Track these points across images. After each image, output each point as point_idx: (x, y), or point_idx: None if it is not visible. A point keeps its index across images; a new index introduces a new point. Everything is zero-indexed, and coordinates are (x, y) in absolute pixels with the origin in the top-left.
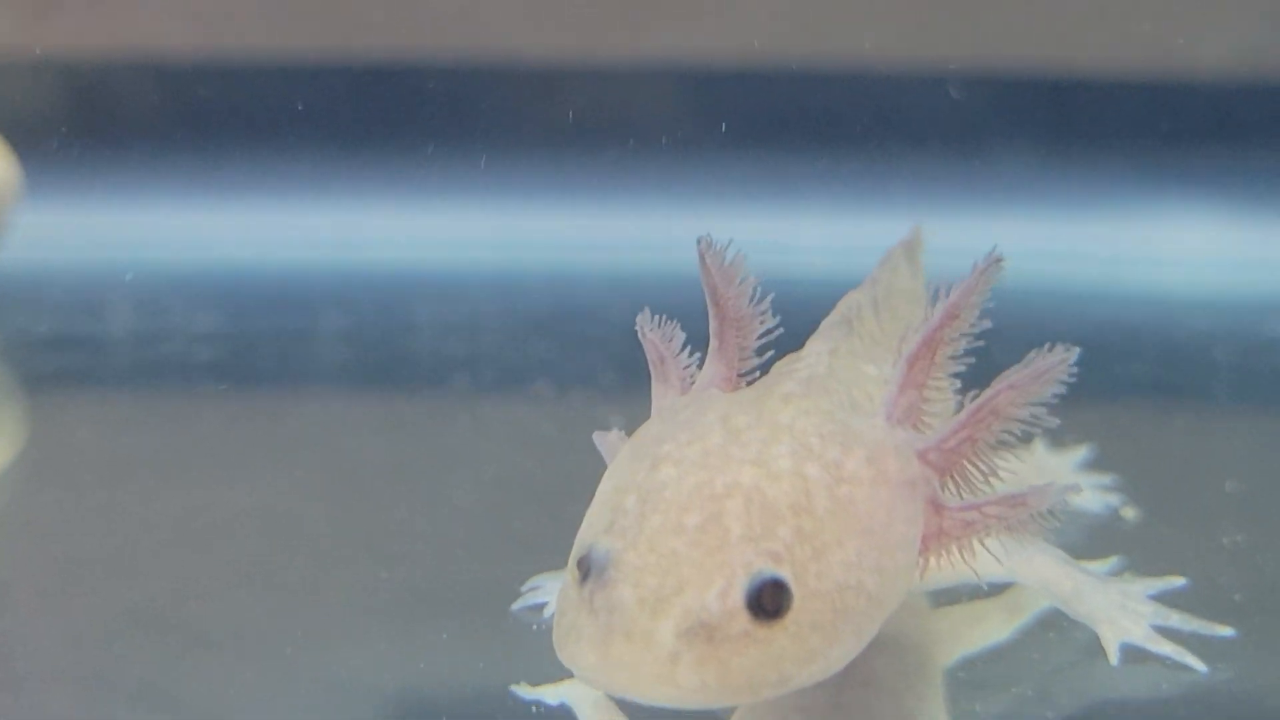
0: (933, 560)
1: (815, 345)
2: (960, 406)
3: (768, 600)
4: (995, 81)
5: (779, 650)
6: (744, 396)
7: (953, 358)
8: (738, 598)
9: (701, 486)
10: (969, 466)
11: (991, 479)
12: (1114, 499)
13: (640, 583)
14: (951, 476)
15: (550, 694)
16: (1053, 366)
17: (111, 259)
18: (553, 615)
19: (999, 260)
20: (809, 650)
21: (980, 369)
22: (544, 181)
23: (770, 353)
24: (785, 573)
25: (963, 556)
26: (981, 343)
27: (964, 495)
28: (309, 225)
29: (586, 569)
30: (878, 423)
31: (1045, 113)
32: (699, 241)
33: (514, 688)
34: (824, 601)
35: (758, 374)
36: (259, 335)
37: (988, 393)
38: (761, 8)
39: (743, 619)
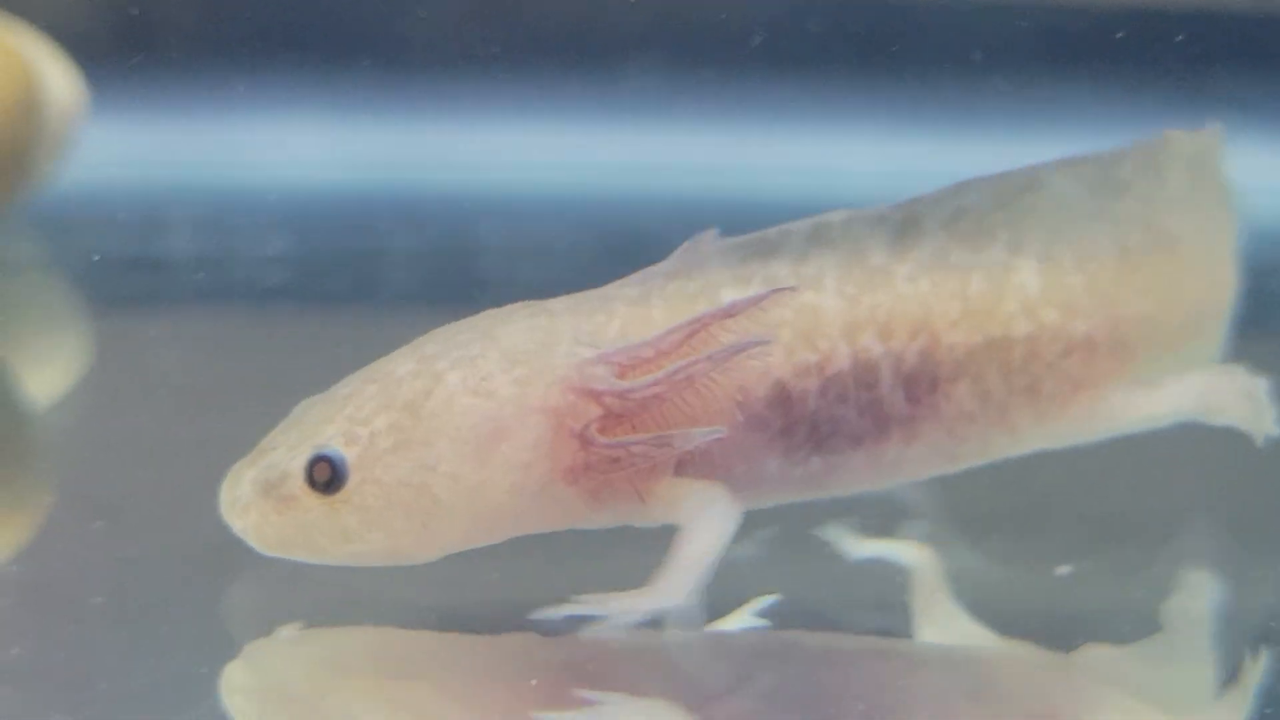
0: (602, 494)
1: (666, 281)
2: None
3: (318, 473)
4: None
5: (316, 521)
6: (522, 305)
7: (710, 359)
8: (299, 465)
9: (380, 369)
10: (648, 417)
11: (663, 438)
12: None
13: (272, 436)
14: (632, 423)
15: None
16: (748, 345)
17: (178, 179)
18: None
19: (787, 289)
20: (345, 530)
21: None
22: (615, 102)
23: None
24: (350, 454)
25: (639, 494)
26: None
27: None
28: (379, 145)
29: None
30: (582, 356)
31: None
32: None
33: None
34: (380, 491)
35: None
36: (328, 257)
37: (687, 360)
38: None
39: (296, 484)
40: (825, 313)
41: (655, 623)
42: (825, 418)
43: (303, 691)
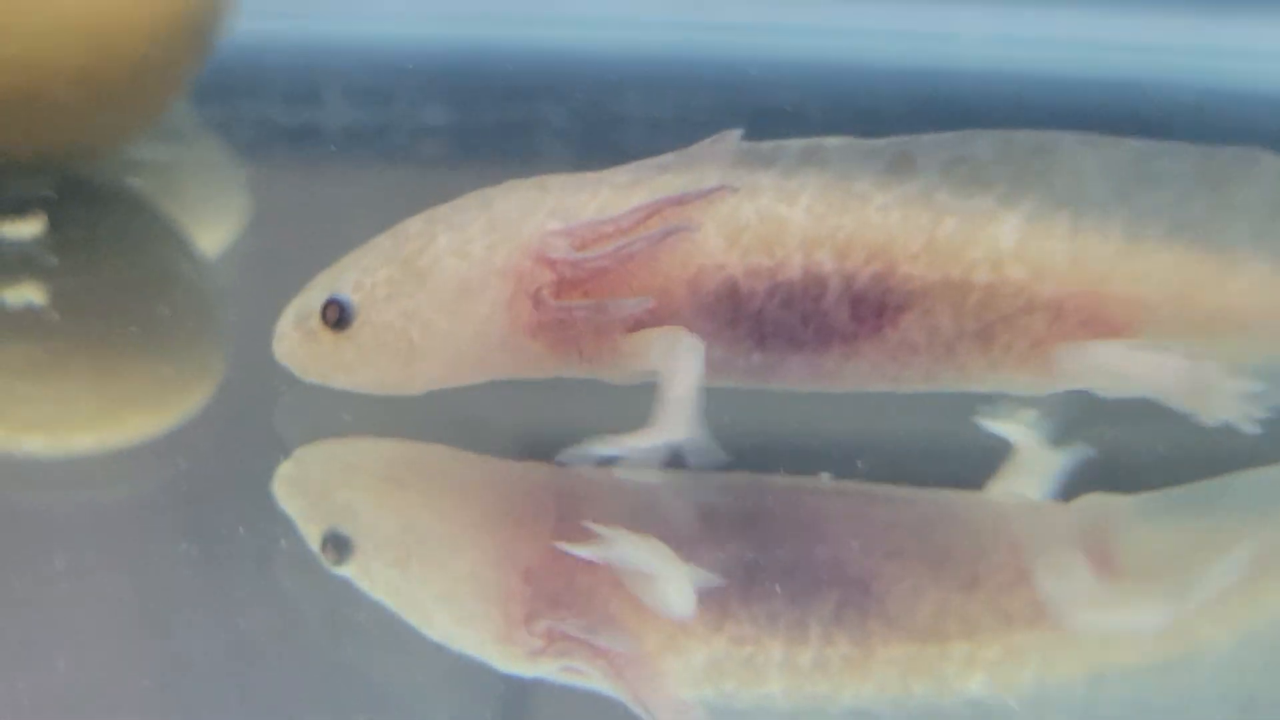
0: (564, 349)
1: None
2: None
3: (329, 314)
4: None
5: (327, 353)
6: (533, 180)
7: (645, 239)
8: (318, 305)
9: (401, 226)
10: (601, 287)
11: (601, 304)
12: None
13: (320, 275)
14: (585, 291)
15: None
16: (675, 231)
17: (334, 42)
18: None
19: (727, 188)
20: (345, 362)
21: None
22: None
23: None
24: (355, 300)
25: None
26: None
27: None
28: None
29: None
30: (548, 228)
31: None
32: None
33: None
34: (372, 331)
35: None
36: (477, 125)
37: (629, 239)
38: None
39: (314, 321)
40: (789, 224)
41: (676, 459)
42: (769, 319)
43: (341, 489)
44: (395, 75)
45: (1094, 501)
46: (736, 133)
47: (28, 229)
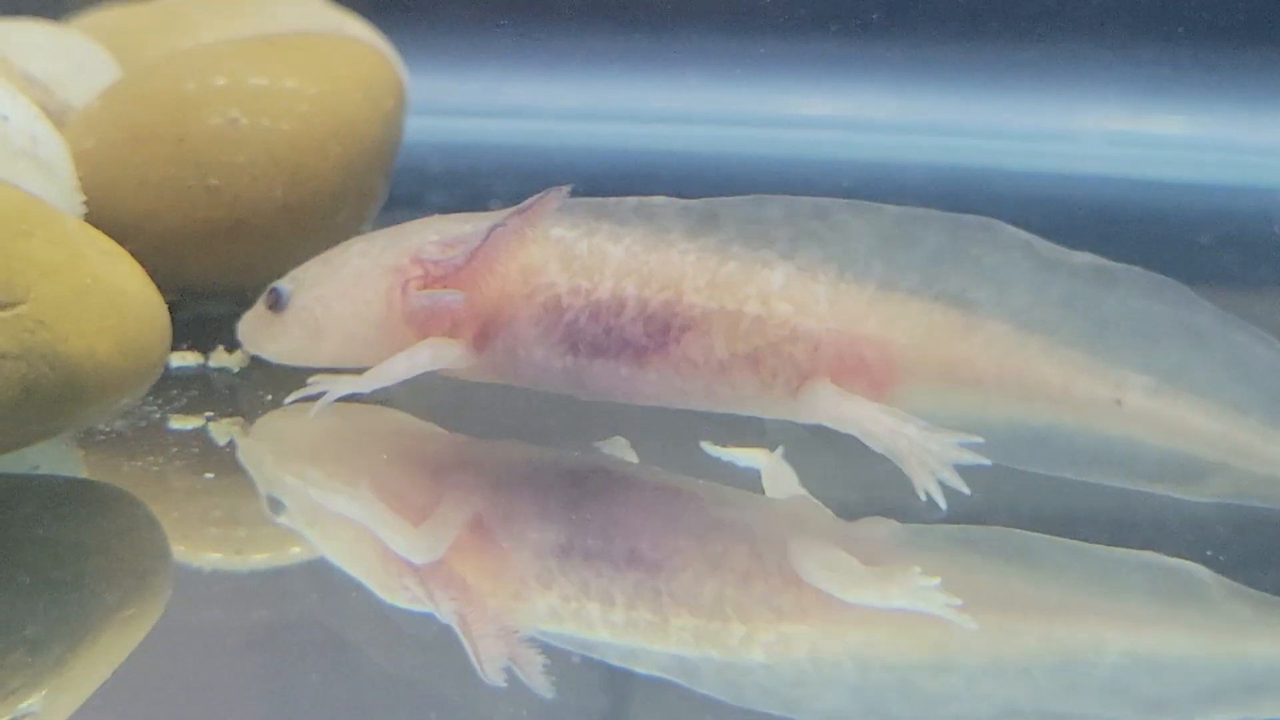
0: (418, 333)
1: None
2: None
3: (269, 299)
4: None
5: (264, 328)
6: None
7: (483, 245)
8: (264, 293)
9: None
10: (463, 287)
11: (435, 295)
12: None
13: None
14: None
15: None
16: (500, 226)
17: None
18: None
19: (560, 189)
20: (274, 335)
21: None
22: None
23: None
24: (288, 289)
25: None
26: None
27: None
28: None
29: None
30: (428, 239)
31: None
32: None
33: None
34: (294, 314)
35: None
36: None
37: (474, 244)
38: None
39: (263, 306)
40: (609, 257)
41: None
42: (580, 328)
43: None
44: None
45: (873, 523)
46: (565, 188)
47: (234, 360)
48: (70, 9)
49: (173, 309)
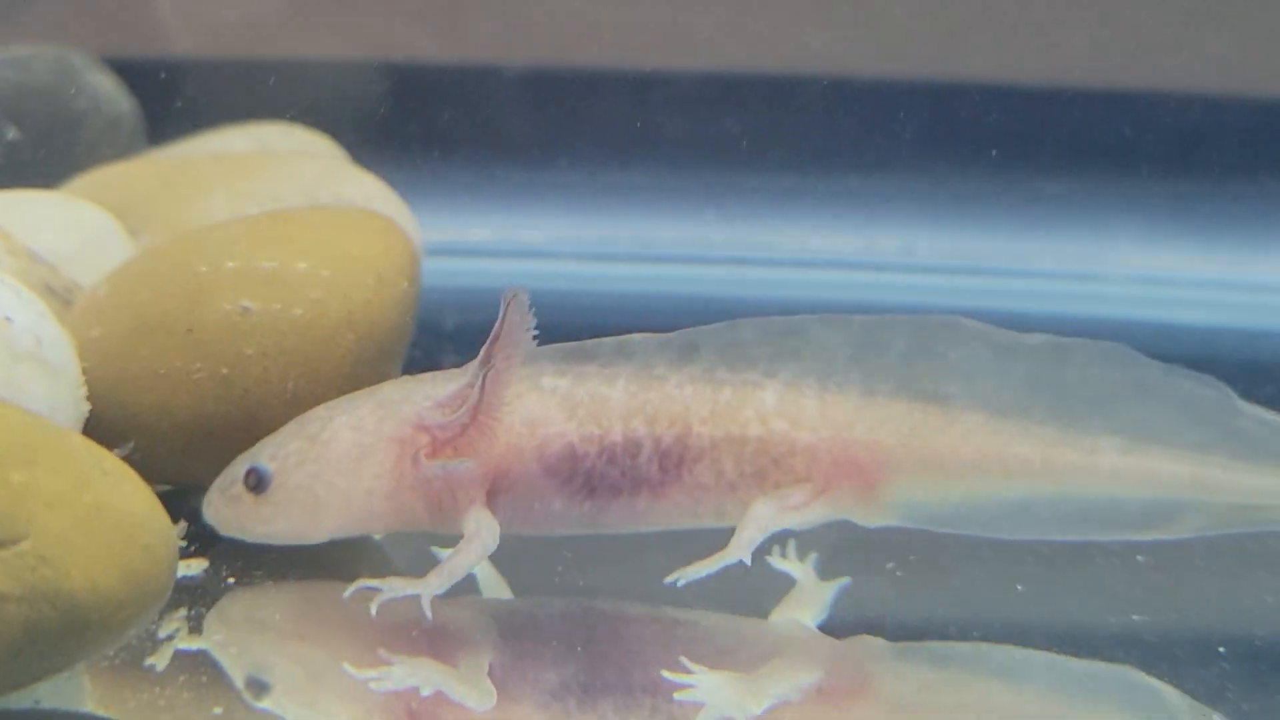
0: (439, 507)
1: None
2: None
3: (249, 480)
4: None
5: (248, 511)
6: (409, 377)
7: (479, 395)
8: (240, 474)
9: (304, 417)
10: (470, 451)
11: (447, 464)
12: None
13: (235, 460)
14: (458, 453)
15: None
16: (497, 355)
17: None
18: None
19: (515, 294)
20: (263, 517)
21: None
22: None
23: None
24: (272, 468)
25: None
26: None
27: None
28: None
29: None
30: (420, 405)
31: None
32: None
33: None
34: (285, 492)
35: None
36: None
37: (477, 395)
38: None
39: (239, 488)
40: (611, 401)
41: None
42: (598, 474)
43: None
44: None
45: (863, 641)
46: (521, 290)
47: (196, 564)
48: (74, 162)
49: (174, 500)
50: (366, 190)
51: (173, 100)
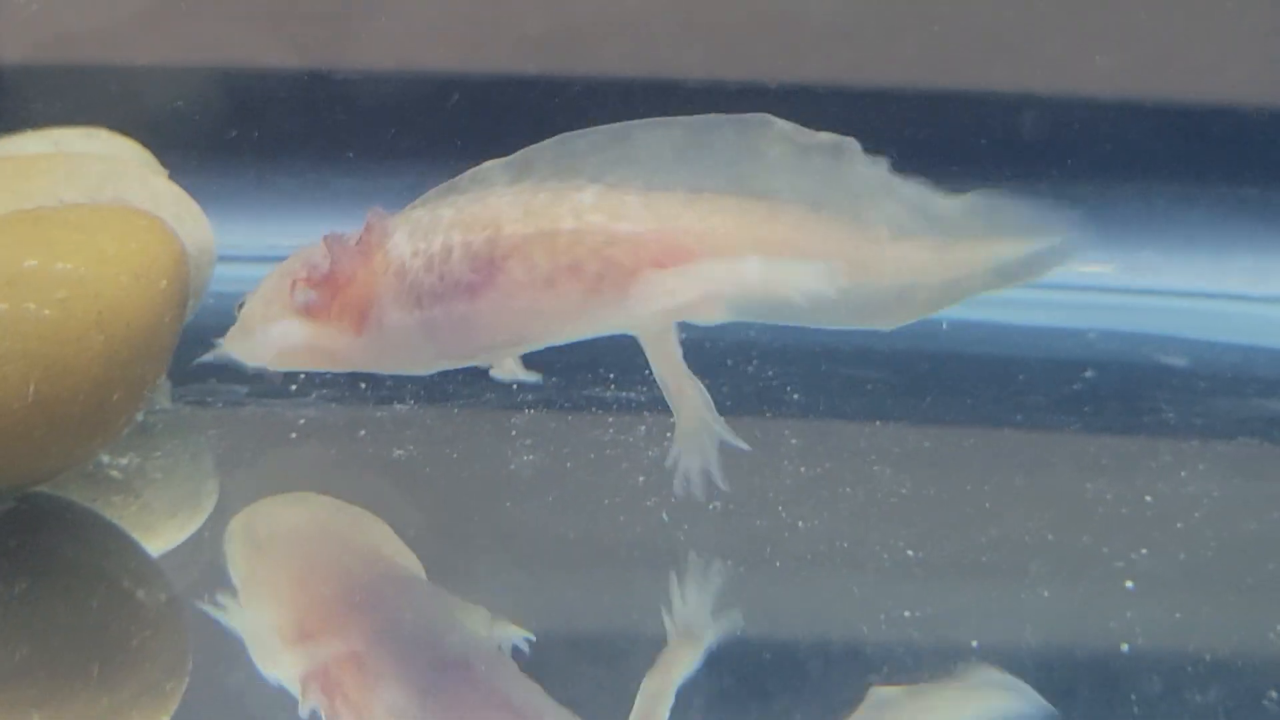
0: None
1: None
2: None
3: (237, 308)
4: None
5: (235, 333)
6: None
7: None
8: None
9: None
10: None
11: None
12: None
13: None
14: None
15: None
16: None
17: None
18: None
19: (381, 212)
20: (238, 339)
21: None
22: None
23: None
24: (249, 301)
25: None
26: None
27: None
28: None
29: None
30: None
31: None
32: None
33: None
34: (248, 315)
35: None
36: None
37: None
38: None
39: (236, 312)
40: (442, 218)
41: None
42: (420, 282)
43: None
44: None
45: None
46: (379, 209)
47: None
48: None
49: None
50: (155, 192)
51: None
